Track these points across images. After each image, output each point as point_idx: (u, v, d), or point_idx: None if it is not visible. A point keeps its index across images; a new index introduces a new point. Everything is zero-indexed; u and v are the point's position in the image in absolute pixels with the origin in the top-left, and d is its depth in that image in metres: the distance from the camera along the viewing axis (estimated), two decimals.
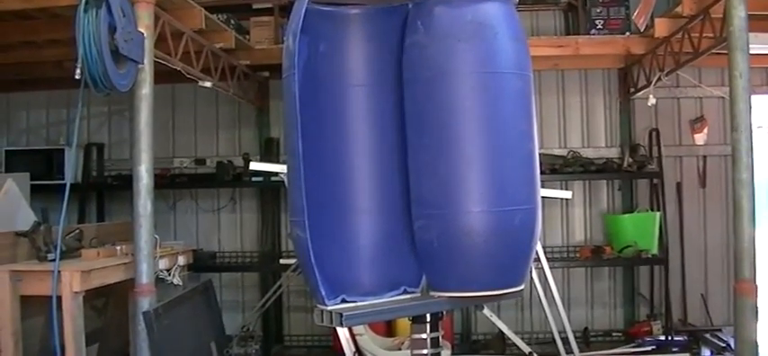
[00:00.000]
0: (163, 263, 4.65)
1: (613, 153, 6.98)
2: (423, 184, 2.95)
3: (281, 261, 6.50)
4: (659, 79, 5.85)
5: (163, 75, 4.69)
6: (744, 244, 4.14)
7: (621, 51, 6.26)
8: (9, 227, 4.32)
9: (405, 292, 3.12)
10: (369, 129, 3.10)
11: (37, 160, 6.89)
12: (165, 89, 6.78)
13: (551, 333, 5.54)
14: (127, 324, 5.04)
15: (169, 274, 4.79)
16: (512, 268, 2.97)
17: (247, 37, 6.38)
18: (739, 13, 4.15)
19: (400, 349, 5.59)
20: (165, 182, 6.82)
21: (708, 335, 6.34)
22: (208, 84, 5.47)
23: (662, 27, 5.50)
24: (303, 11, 2.85)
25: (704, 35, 4.96)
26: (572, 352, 5.45)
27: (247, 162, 6.40)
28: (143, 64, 4.05)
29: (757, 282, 4.16)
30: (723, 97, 6.39)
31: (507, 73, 2.91)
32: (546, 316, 5.50)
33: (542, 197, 3.10)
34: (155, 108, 4.15)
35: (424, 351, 3.07)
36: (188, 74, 5.11)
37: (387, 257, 3.07)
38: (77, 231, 4.66)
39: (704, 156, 6.95)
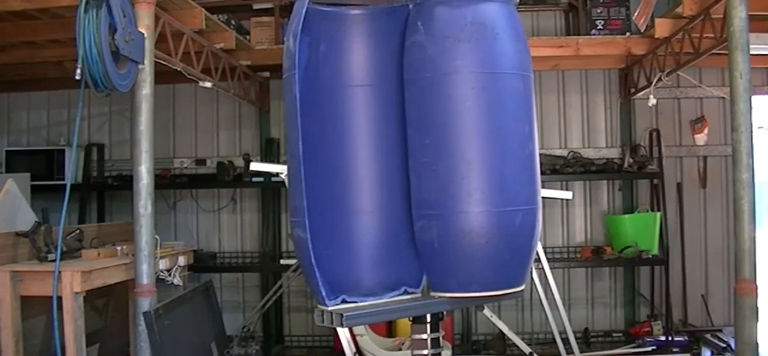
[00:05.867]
0: (163, 264, 4.64)
1: (614, 153, 6.98)
2: (423, 185, 2.96)
3: (282, 261, 6.51)
4: (660, 79, 5.85)
5: (163, 76, 4.69)
6: (744, 244, 4.14)
7: (622, 52, 6.25)
8: (9, 228, 4.32)
9: (405, 293, 3.12)
10: (369, 129, 3.10)
11: (37, 160, 6.89)
12: (165, 89, 6.79)
13: (552, 333, 5.53)
14: (127, 325, 5.05)
15: (169, 275, 4.79)
16: (512, 268, 2.97)
17: (248, 37, 6.39)
18: (740, 14, 4.15)
19: (401, 349, 5.59)
20: (166, 182, 6.83)
21: (708, 336, 6.34)
22: (208, 84, 5.47)
23: (662, 27, 5.50)
24: (304, 11, 2.86)
25: (705, 35, 4.96)
26: (572, 353, 5.44)
27: (248, 162, 6.41)
28: (143, 64, 4.05)
29: (757, 282, 4.16)
30: (724, 97, 6.39)
31: (508, 73, 2.92)
32: (546, 317, 5.50)
33: (543, 197, 3.10)
34: (155, 108, 4.15)
35: (425, 352, 3.07)
36: (188, 74, 5.11)
37: (387, 258, 3.07)
38: (78, 231, 4.66)
39: (705, 157, 6.95)
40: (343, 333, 4.91)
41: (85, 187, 6.96)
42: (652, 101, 5.96)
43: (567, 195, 5.88)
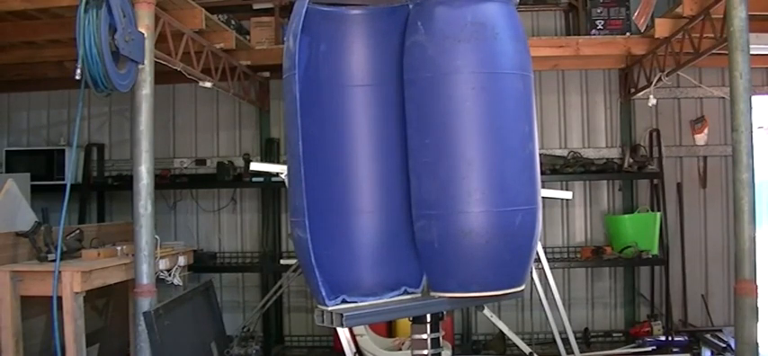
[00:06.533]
0: (163, 264, 4.64)
1: (614, 153, 6.98)
2: (423, 185, 2.96)
3: (282, 261, 6.52)
4: (660, 79, 5.85)
5: (163, 76, 4.69)
6: (744, 244, 4.14)
7: (622, 52, 6.25)
8: (9, 228, 4.32)
9: (405, 293, 3.12)
10: (369, 129, 3.10)
11: (37, 160, 6.90)
12: (165, 89, 6.78)
13: (552, 333, 5.54)
14: (127, 325, 5.05)
15: (169, 275, 4.79)
16: (512, 268, 2.97)
17: (248, 37, 6.39)
18: (740, 14, 4.15)
19: (401, 349, 5.59)
20: (166, 182, 6.83)
21: (708, 336, 6.33)
22: (208, 84, 5.47)
23: (662, 27, 5.50)
24: (304, 11, 2.86)
25: (705, 35, 4.96)
26: (572, 353, 5.44)
27: (248, 162, 6.41)
28: (143, 64, 4.05)
29: (757, 282, 4.16)
30: (723, 97, 6.39)
31: (508, 73, 2.92)
32: (546, 317, 5.50)
33: (543, 197, 3.10)
34: (155, 108, 4.15)
35: (425, 352, 3.07)
36: (188, 74, 5.11)
37: (387, 258, 3.07)
38: (78, 231, 4.66)
39: (705, 157, 6.95)
40: (343, 333, 4.91)
41: (85, 187, 6.96)
42: (652, 101, 5.95)
43: (567, 195, 5.88)
